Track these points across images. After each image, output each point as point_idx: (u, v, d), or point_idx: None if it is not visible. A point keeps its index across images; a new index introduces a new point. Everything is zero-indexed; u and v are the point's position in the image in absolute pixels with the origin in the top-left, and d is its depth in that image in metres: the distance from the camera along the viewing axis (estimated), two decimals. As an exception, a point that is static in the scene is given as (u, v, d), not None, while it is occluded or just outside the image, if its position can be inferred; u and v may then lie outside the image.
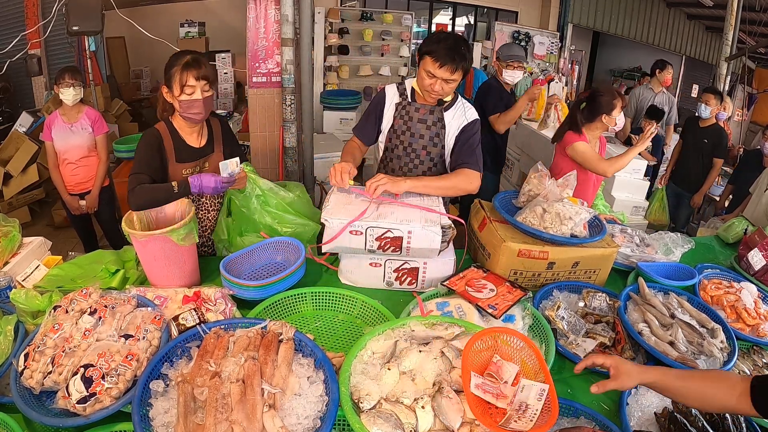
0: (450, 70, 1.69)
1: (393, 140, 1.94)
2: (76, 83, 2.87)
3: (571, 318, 1.46)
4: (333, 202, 1.58)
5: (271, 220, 1.72)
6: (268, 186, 1.75)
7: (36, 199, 4.27)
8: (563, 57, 7.42)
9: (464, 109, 1.88)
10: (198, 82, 1.61)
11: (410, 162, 1.93)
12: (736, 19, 4.97)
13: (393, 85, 1.95)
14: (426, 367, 1.08)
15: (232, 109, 6.23)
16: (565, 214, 1.63)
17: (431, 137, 1.88)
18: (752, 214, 2.58)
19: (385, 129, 1.94)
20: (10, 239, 1.61)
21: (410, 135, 1.89)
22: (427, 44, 1.72)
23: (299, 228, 1.76)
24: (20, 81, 4.84)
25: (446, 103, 1.86)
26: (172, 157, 1.71)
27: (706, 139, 3.79)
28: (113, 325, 1.14)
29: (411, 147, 1.91)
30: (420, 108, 1.86)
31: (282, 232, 1.72)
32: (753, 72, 7.20)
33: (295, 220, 1.76)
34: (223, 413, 0.94)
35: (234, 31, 6.95)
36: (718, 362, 1.31)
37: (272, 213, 1.73)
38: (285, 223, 1.75)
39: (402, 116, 1.89)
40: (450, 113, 1.87)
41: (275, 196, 1.76)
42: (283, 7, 2.79)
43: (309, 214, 1.83)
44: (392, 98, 1.92)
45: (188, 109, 1.64)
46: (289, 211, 1.76)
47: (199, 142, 1.78)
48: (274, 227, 1.73)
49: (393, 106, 1.91)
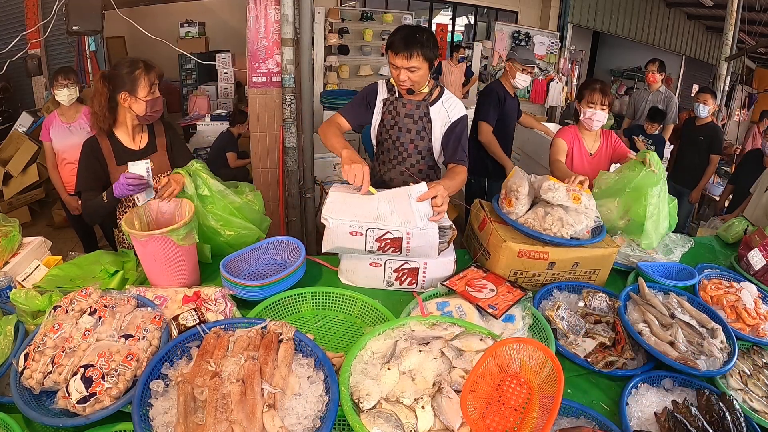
0: (405, 57, 1.77)
1: (383, 134, 2.05)
2: (70, 83, 2.87)
3: (571, 318, 1.46)
4: (332, 202, 1.57)
5: (214, 223, 1.68)
6: (218, 188, 1.70)
7: (36, 199, 4.28)
8: (563, 57, 7.42)
9: (452, 103, 1.97)
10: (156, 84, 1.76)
11: (399, 155, 2.04)
12: (736, 19, 4.98)
13: (383, 82, 2.06)
14: (426, 367, 1.08)
15: (232, 108, 6.23)
16: (567, 220, 1.63)
17: (418, 131, 1.98)
18: (752, 214, 2.58)
19: (375, 124, 2.05)
20: (10, 239, 1.61)
21: (398, 129, 2.00)
22: (388, 39, 1.84)
23: (243, 232, 1.71)
24: (20, 81, 4.84)
25: (432, 97, 1.96)
26: (111, 161, 1.81)
27: (702, 137, 3.88)
28: (113, 325, 1.14)
29: (399, 141, 2.01)
30: (407, 103, 1.97)
31: (225, 236, 1.68)
32: (753, 72, 7.21)
33: (240, 223, 1.72)
34: (223, 413, 0.94)
35: (234, 31, 6.96)
36: (718, 362, 1.31)
37: (217, 215, 1.68)
38: (229, 227, 1.70)
39: (390, 111, 2.00)
40: (436, 108, 1.97)
41: (224, 199, 1.70)
42: (283, 7, 2.78)
43: (257, 220, 1.79)
44: (382, 94, 2.02)
45: (153, 106, 1.78)
46: (236, 215, 1.72)
47: (139, 144, 1.88)
48: (217, 230, 1.68)
49: (381, 102, 2.01)
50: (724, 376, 1.32)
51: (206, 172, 1.72)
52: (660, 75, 4.37)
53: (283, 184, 3.12)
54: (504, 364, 1.08)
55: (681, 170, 4.10)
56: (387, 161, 2.07)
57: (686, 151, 4.07)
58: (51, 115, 2.96)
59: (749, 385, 1.32)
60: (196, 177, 1.68)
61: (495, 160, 3.22)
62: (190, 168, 1.70)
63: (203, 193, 1.67)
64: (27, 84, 4.84)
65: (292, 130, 3.03)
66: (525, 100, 6.97)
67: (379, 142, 2.08)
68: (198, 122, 5.64)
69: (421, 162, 2.04)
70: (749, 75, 6.74)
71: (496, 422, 0.98)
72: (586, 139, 2.41)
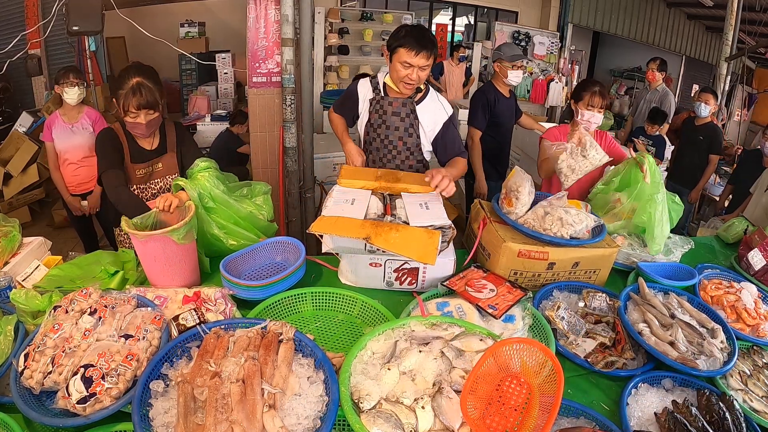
0: (426, 57, 1.84)
1: (371, 134, 2.09)
2: (80, 82, 2.87)
3: (571, 318, 1.46)
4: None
5: (218, 231, 1.68)
6: (223, 199, 1.68)
7: (36, 199, 4.27)
8: (563, 57, 7.42)
9: (439, 103, 2.02)
10: (140, 111, 1.72)
11: (388, 153, 2.09)
12: (736, 19, 4.98)
13: (366, 80, 2.09)
14: (426, 367, 1.08)
15: (232, 109, 6.24)
16: (567, 220, 1.63)
17: (406, 128, 2.03)
18: (752, 214, 2.58)
19: (362, 123, 2.10)
20: (10, 239, 1.61)
21: (386, 128, 2.04)
22: (396, 38, 1.86)
23: (247, 242, 1.71)
24: (20, 81, 4.84)
25: (418, 96, 2.01)
26: (127, 157, 1.84)
27: (701, 137, 3.88)
28: (113, 325, 1.14)
29: (388, 139, 2.06)
30: (393, 102, 2.01)
31: (228, 245, 1.69)
32: (753, 72, 7.20)
33: (243, 233, 1.72)
34: (223, 413, 0.94)
35: (234, 31, 6.95)
36: (718, 362, 1.31)
37: (220, 224, 1.69)
38: (233, 236, 1.70)
39: (377, 110, 2.04)
40: (423, 106, 2.01)
41: (228, 209, 1.70)
42: (283, 7, 2.79)
43: (263, 228, 1.80)
44: (365, 94, 2.06)
45: (132, 128, 1.79)
46: (240, 224, 1.73)
47: (151, 144, 1.90)
48: (221, 238, 1.68)
49: (367, 102, 2.05)
50: (724, 376, 1.32)
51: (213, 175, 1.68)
52: (660, 74, 4.36)
53: (283, 184, 3.12)
54: (504, 364, 1.08)
55: (680, 170, 4.10)
56: (377, 159, 2.12)
57: (686, 151, 4.07)
58: (53, 115, 2.94)
59: (749, 385, 1.32)
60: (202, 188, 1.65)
61: (492, 161, 3.22)
62: (194, 170, 1.68)
63: (208, 205, 1.67)
64: (27, 84, 4.84)
65: (292, 130, 3.04)
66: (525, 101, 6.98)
67: (366, 141, 2.13)
68: (198, 122, 5.65)
69: (410, 158, 2.09)
70: (749, 75, 6.74)
71: (496, 422, 0.98)
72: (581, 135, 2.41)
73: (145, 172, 1.90)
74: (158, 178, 1.95)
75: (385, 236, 1.42)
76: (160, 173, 1.94)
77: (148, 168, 1.90)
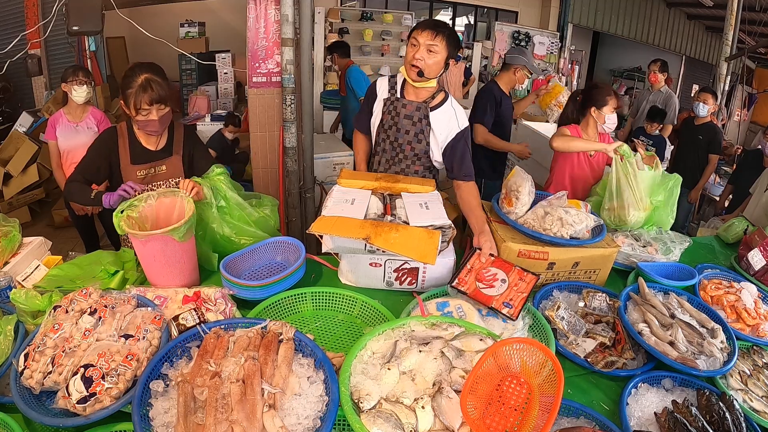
0: (431, 35, 1.79)
1: (381, 134, 2.04)
2: (88, 81, 2.86)
3: (571, 318, 1.46)
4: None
5: (229, 231, 1.68)
6: (236, 201, 1.70)
7: (36, 199, 4.27)
8: (563, 57, 7.42)
9: (454, 113, 1.93)
10: (152, 106, 1.68)
11: (395, 156, 2.03)
12: (736, 19, 4.98)
13: (385, 78, 2.04)
14: (426, 367, 1.08)
15: (232, 109, 6.24)
16: (567, 220, 1.63)
17: (416, 133, 1.96)
18: (752, 214, 2.58)
19: (374, 124, 2.04)
20: (10, 239, 1.60)
21: (396, 130, 1.98)
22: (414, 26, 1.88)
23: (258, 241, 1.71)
24: (20, 81, 4.83)
25: (434, 101, 1.93)
26: (126, 157, 1.79)
27: (701, 136, 3.89)
28: (113, 325, 1.14)
29: (397, 142, 2.00)
30: (407, 104, 1.94)
31: (240, 245, 1.69)
32: (753, 72, 7.21)
33: (255, 232, 1.72)
34: (223, 413, 0.94)
35: (234, 31, 6.95)
36: (718, 362, 1.31)
37: (231, 224, 1.69)
38: (244, 235, 1.71)
39: (390, 111, 1.98)
40: (437, 114, 1.93)
41: (241, 211, 1.71)
42: (283, 7, 2.78)
43: (272, 233, 1.80)
44: (382, 93, 2.01)
45: (144, 127, 1.73)
46: (251, 225, 1.73)
47: (157, 145, 1.85)
48: (232, 238, 1.69)
49: (382, 102, 2.00)
50: (724, 376, 1.32)
51: (226, 180, 1.72)
52: (662, 75, 4.36)
53: (283, 184, 3.12)
54: (504, 364, 1.08)
55: (680, 170, 4.09)
56: (384, 161, 2.07)
57: (685, 151, 4.07)
58: (57, 114, 2.92)
59: (749, 385, 1.32)
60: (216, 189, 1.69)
61: (491, 160, 3.21)
62: (210, 175, 1.71)
63: (220, 204, 1.68)
64: (27, 84, 4.83)
65: (292, 130, 3.03)
66: (524, 100, 6.96)
67: (376, 141, 2.08)
68: (198, 122, 5.64)
69: (416, 163, 2.02)
70: (749, 75, 6.74)
71: (496, 422, 0.98)
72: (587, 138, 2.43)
73: (146, 174, 1.84)
74: (160, 181, 1.87)
75: (385, 236, 1.42)
76: (162, 176, 1.87)
77: (150, 169, 1.84)
